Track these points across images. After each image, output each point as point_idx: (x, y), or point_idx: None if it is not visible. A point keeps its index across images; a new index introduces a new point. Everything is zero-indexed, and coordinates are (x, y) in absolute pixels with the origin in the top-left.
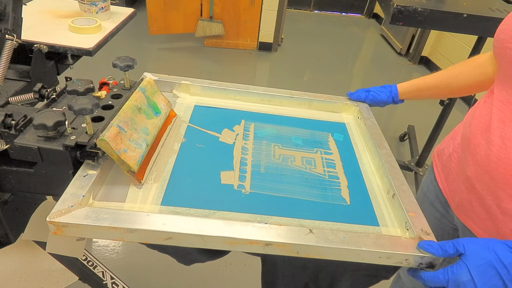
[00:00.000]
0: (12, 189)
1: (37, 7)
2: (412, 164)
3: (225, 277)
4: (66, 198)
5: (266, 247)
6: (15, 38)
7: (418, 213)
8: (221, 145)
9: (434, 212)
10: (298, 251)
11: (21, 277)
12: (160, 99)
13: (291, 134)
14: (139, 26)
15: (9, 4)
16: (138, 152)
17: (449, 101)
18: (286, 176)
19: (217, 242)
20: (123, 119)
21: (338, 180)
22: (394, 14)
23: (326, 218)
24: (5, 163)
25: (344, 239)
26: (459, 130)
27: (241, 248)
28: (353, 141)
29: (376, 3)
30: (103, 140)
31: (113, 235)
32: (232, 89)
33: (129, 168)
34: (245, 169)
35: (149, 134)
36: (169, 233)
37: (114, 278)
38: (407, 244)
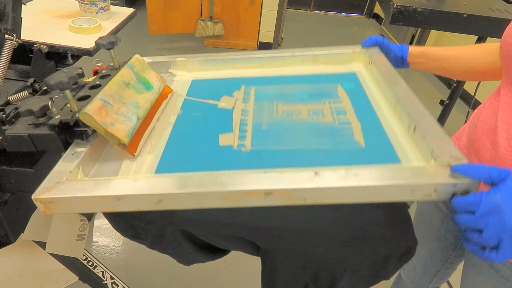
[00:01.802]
0: (12, 189)
1: (37, 7)
2: None
3: (225, 277)
4: (53, 176)
5: (267, 198)
6: (15, 38)
7: (445, 140)
8: (220, 111)
9: (438, 212)
10: (304, 198)
11: (21, 277)
12: (152, 75)
13: (296, 90)
14: (139, 26)
15: (9, 4)
16: (127, 125)
17: (449, 101)
18: (290, 130)
19: (212, 198)
20: (108, 93)
21: (350, 126)
22: (394, 14)
23: (337, 163)
24: (5, 163)
25: (357, 177)
26: (465, 131)
27: (239, 202)
28: (365, 87)
29: (376, 3)
30: (85, 113)
31: (101, 205)
32: (230, 58)
33: (119, 141)
34: (245, 129)
35: (140, 108)
36: (159, 196)
37: (114, 278)
38: (435, 173)
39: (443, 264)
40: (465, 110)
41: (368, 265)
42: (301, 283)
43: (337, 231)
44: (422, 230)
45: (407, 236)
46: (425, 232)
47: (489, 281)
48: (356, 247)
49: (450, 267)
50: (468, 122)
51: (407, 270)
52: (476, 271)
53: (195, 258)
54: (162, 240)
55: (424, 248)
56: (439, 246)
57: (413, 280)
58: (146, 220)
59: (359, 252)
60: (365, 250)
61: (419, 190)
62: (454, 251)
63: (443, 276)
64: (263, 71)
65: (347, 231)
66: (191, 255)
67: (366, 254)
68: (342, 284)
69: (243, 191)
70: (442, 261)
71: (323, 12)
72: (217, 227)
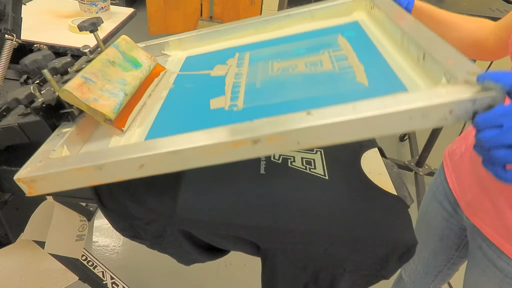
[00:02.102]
0: (12, 189)
1: (37, 7)
2: (412, 164)
3: (225, 277)
4: (36, 157)
5: (256, 147)
6: (15, 38)
7: (459, 57)
8: (212, 79)
9: (442, 211)
10: (298, 141)
11: (21, 277)
12: (141, 54)
13: (293, 48)
14: (139, 26)
15: (9, 4)
16: (113, 100)
17: None
18: (286, 83)
19: (196, 155)
20: (90, 71)
21: (352, 69)
22: None
23: (336, 103)
24: (5, 163)
25: (355, 109)
26: (472, 130)
27: (226, 156)
28: (368, 33)
29: None
30: (65, 90)
31: (83, 179)
32: (223, 29)
33: (104, 116)
34: (238, 90)
35: (127, 85)
36: (139, 159)
37: (114, 278)
38: (450, 91)
39: (445, 265)
40: None
41: (368, 265)
42: (301, 283)
43: (337, 231)
44: (426, 229)
45: (407, 236)
46: (428, 232)
47: (493, 280)
48: (356, 247)
49: (452, 268)
50: None
51: (408, 271)
52: (479, 270)
53: (195, 258)
54: (162, 240)
55: (427, 248)
56: (442, 246)
57: (414, 281)
58: (146, 220)
59: (359, 252)
60: (365, 250)
61: (431, 114)
62: (457, 251)
63: (444, 277)
64: (259, 37)
65: (347, 231)
66: (191, 255)
67: (366, 254)
68: (342, 284)
69: (227, 142)
70: (445, 262)
71: None
72: (217, 227)
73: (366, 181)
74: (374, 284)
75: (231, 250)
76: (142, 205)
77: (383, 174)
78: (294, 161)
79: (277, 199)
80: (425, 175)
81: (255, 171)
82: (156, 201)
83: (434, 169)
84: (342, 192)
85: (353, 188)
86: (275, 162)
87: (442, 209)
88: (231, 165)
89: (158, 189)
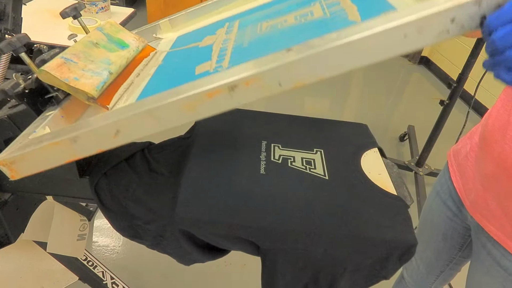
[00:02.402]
0: (12, 189)
1: (37, 7)
2: (412, 164)
3: (225, 277)
4: (18, 139)
5: (234, 94)
6: None
7: None
8: (201, 49)
9: (446, 210)
10: (279, 82)
11: (21, 277)
12: (128, 36)
13: (283, 6)
14: (139, 26)
15: (9, 4)
16: (96, 79)
17: (449, 101)
18: (274, 37)
19: (170, 112)
20: (71, 52)
21: (345, 11)
22: None
23: None
24: None
25: (340, 35)
26: (477, 130)
27: (203, 110)
28: None
29: None
30: (42, 70)
31: (61, 154)
32: (211, 3)
33: (86, 95)
34: (225, 53)
35: (112, 64)
36: (114, 124)
37: (114, 278)
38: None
39: (447, 265)
40: (465, 110)
41: (368, 265)
42: (301, 283)
43: (337, 231)
44: (429, 229)
45: (407, 236)
46: (431, 231)
47: (496, 279)
48: (356, 247)
49: (454, 268)
50: (481, 121)
51: (410, 270)
52: (483, 269)
53: (195, 258)
54: (162, 240)
55: (430, 248)
56: (445, 246)
57: (416, 280)
58: (146, 220)
59: (359, 252)
60: (365, 250)
61: (429, 26)
62: (460, 251)
63: (446, 277)
64: (249, 5)
65: (347, 231)
66: (191, 255)
67: (366, 254)
68: (342, 284)
69: (202, 93)
70: (447, 262)
71: None
72: (217, 227)
73: (366, 181)
74: (374, 284)
75: (231, 250)
76: (142, 205)
77: (383, 174)
78: (294, 161)
79: (277, 199)
80: (425, 175)
81: (255, 171)
82: (156, 201)
83: (434, 169)
84: (342, 192)
85: (353, 188)
86: (275, 162)
87: (446, 208)
88: (231, 165)
89: (158, 189)
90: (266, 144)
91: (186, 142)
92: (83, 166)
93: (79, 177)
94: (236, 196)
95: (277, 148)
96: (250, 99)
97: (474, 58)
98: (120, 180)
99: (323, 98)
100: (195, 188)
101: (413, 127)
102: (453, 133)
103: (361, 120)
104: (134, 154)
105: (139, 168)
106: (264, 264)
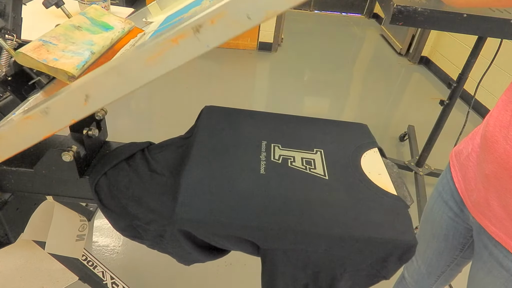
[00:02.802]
0: (12, 189)
1: (37, 7)
2: (412, 164)
3: (225, 277)
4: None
5: (199, 36)
6: (15, 38)
7: None
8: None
9: (448, 211)
10: (247, 14)
11: (21, 277)
12: (113, 19)
13: None
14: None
15: (9, 4)
16: (77, 59)
17: (449, 101)
18: None
19: (138, 67)
20: (50, 35)
21: None
22: (394, 14)
23: None
24: (5, 163)
25: None
26: (479, 131)
27: (172, 59)
28: None
29: (376, 3)
30: (19, 52)
31: (35, 130)
32: None
33: (66, 74)
34: None
35: (95, 45)
36: (82, 89)
37: (114, 278)
38: None
39: (448, 265)
40: (465, 110)
41: (368, 265)
42: (301, 283)
43: (337, 231)
44: (430, 229)
45: (407, 236)
46: (433, 231)
47: (498, 280)
48: (356, 247)
49: (455, 269)
50: (483, 122)
51: (411, 271)
52: (485, 270)
53: (195, 258)
54: (162, 240)
55: (431, 248)
56: (446, 246)
57: (416, 281)
58: (146, 220)
59: (359, 252)
60: (365, 250)
61: None
62: (461, 251)
63: (447, 278)
64: None
65: (347, 231)
66: (191, 255)
67: (366, 254)
68: (342, 284)
69: (166, 41)
70: (448, 262)
71: (323, 12)
72: (217, 227)
73: (366, 181)
74: (374, 284)
75: (231, 250)
76: (142, 205)
77: (383, 174)
78: (294, 161)
79: (277, 199)
80: (425, 175)
81: (255, 171)
82: (156, 201)
83: (434, 169)
84: (342, 192)
85: (353, 188)
86: (275, 162)
87: (448, 209)
88: (231, 165)
89: (158, 189)
90: (266, 144)
91: (186, 142)
92: (83, 166)
93: (79, 177)
94: (236, 196)
95: (277, 148)
96: (219, 40)
97: (474, 58)
98: (120, 180)
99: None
100: (195, 188)
101: (413, 127)
102: (453, 133)
103: (361, 120)
104: (134, 154)
105: (139, 168)
106: (264, 264)
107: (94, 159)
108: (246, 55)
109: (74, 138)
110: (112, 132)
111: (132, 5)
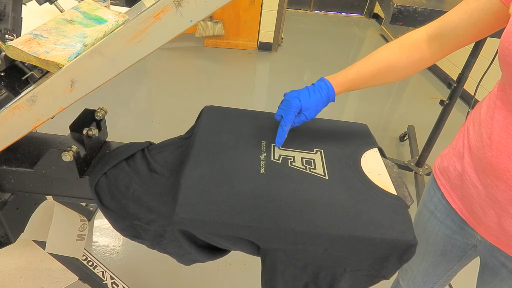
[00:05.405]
0: (12, 189)
1: (37, 7)
2: (412, 164)
3: (225, 277)
4: None
5: (182, 10)
6: (15, 38)
7: None
8: None
9: (444, 229)
10: None
11: (21, 277)
12: (106, 12)
13: None
14: None
15: (9, 4)
16: (68, 51)
17: (449, 101)
18: None
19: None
20: (42, 29)
21: None
22: (394, 14)
23: None
24: (5, 163)
25: None
26: (464, 148)
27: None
28: None
29: (376, 3)
30: (9, 46)
31: (23, 120)
32: None
33: (58, 66)
34: None
35: (88, 37)
36: (67, 74)
37: (114, 278)
38: None
39: (445, 273)
40: (465, 110)
41: (368, 265)
42: (301, 283)
43: (337, 231)
44: (425, 245)
45: (407, 236)
46: (428, 247)
47: (507, 282)
48: (356, 247)
49: (452, 275)
50: (462, 136)
51: (406, 279)
52: (505, 287)
53: (195, 258)
54: (162, 240)
55: (426, 261)
56: (443, 259)
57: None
58: (146, 220)
59: (359, 252)
60: (365, 250)
61: None
62: (459, 262)
63: (443, 283)
64: None
65: (347, 231)
66: (191, 255)
67: (366, 254)
68: (342, 284)
69: (148, 18)
70: (444, 271)
71: (323, 12)
72: (217, 227)
73: (366, 181)
74: (374, 284)
75: (231, 250)
76: (142, 205)
77: (383, 174)
78: (294, 161)
79: (277, 199)
80: (425, 175)
81: (255, 171)
82: (156, 201)
83: None
84: (342, 192)
85: (353, 188)
86: (275, 162)
87: (445, 227)
88: (231, 165)
89: (158, 189)
90: (266, 144)
91: (186, 142)
92: (83, 166)
93: (79, 177)
94: (236, 196)
95: (277, 148)
96: (202, 13)
97: (474, 58)
98: (120, 180)
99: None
100: (195, 188)
101: (413, 127)
102: (453, 133)
103: (361, 120)
104: (134, 154)
105: (139, 168)
106: (264, 264)
107: (94, 159)
108: (246, 55)
109: (74, 138)
110: (112, 132)
111: (132, 5)
